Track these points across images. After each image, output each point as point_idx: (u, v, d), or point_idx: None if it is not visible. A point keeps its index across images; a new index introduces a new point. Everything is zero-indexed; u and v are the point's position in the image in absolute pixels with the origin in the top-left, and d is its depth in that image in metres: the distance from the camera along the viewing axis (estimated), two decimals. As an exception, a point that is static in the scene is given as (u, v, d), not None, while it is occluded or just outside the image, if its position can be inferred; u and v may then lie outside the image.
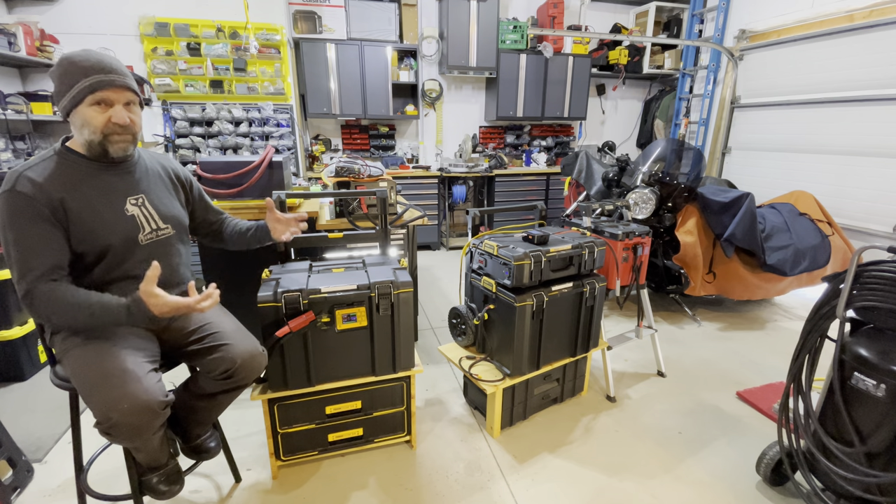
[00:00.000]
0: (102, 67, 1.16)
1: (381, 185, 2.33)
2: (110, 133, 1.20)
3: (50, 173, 1.17)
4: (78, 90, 1.14)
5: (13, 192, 1.11)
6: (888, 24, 3.32)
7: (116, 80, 1.18)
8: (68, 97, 1.15)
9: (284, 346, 1.55)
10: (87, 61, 1.15)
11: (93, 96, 1.15)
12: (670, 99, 5.57)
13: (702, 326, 3.14)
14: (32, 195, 1.11)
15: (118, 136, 1.22)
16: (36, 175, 1.14)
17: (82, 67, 1.14)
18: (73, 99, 1.15)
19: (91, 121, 1.17)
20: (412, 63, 4.89)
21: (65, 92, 1.16)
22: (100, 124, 1.18)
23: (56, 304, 1.12)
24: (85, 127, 1.18)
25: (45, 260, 1.13)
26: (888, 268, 1.29)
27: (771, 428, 2.06)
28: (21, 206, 1.11)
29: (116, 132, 1.21)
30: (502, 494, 1.67)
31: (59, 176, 1.17)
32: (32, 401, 2.21)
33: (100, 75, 1.15)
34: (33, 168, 1.16)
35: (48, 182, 1.15)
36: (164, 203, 1.38)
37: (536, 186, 5.21)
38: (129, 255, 1.28)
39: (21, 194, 1.11)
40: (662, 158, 2.99)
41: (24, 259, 1.11)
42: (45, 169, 1.17)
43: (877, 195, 3.47)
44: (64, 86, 1.15)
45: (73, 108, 1.17)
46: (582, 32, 4.85)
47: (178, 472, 1.37)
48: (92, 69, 1.15)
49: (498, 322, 1.93)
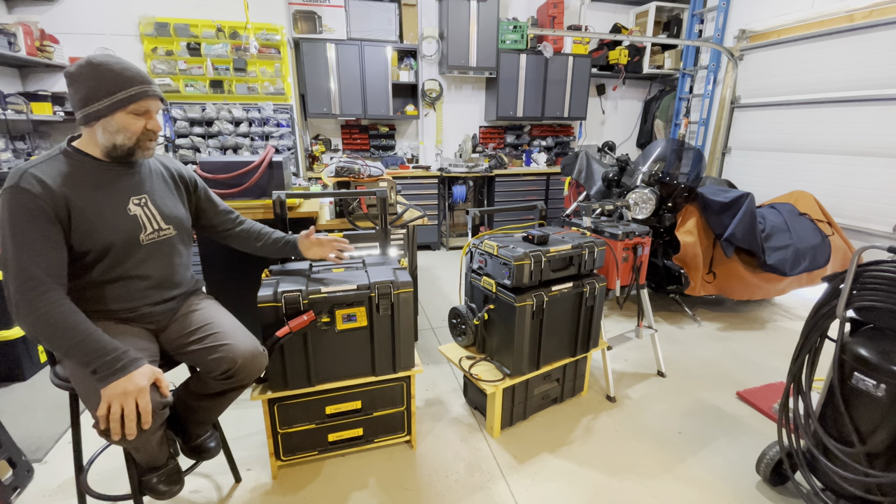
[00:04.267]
0: (143, 78, 1.22)
1: (381, 185, 2.33)
2: (145, 139, 1.26)
3: (56, 172, 1.17)
4: (121, 98, 1.18)
5: (18, 189, 1.11)
6: (888, 24, 3.32)
7: (157, 91, 1.25)
8: (108, 101, 1.17)
9: (284, 347, 1.55)
10: (127, 71, 1.19)
11: (136, 105, 1.20)
12: (670, 99, 5.57)
13: (702, 326, 3.14)
14: (37, 193, 1.12)
15: (150, 143, 1.28)
16: (42, 173, 1.14)
17: (124, 77, 1.18)
18: (113, 105, 1.17)
19: (129, 127, 1.21)
20: (412, 63, 4.89)
21: (102, 96, 1.17)
22: (137, 131, 1.23)
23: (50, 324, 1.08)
24: (120, 132, 1.21)
25: (44, 264, 1.11)
26: (888, 268, 1.29)
27: (771, 428, 2.06)
28: (25, 203, 1.11)
29: (150, 139, 1.27)
30: (502, 494, 1.67)
31: (64, 175, 1.18)
32: (32, 401, 2.21)
33: (143, 86, 1.21)
34: (39, 166, 1.16)
35: (54, 181, 1.15)
36: (166, 204, 1.38)
37: (536, 186, 5.21)
38: (130, 254, 1.28)
39: (26, 191, 1.11)
40: (662, 158, 2.99)
41: (22, 261, 1.09)
42: (51, 167, 1.18)
43: (877, 195, 3.47)
44: (101, 90, 1.16)
45: (109, 114, 1.18)
46: (582, 32, 4.85)
47: (178, 472, 1.37)
48: (134, 80, 1.19)
49: (498, 322, 1.93)
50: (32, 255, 1.10)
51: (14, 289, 1.09)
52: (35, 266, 1.10)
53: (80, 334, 1.10)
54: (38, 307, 1.09)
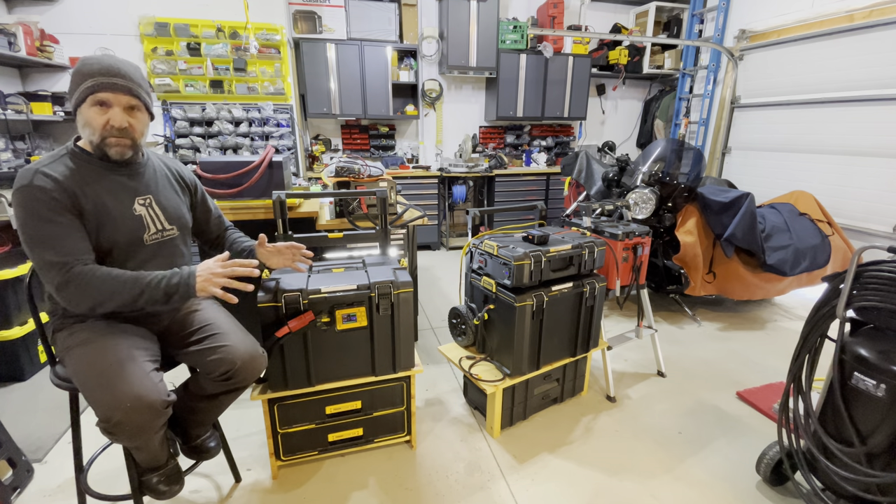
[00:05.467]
0: (108, 70, 1.18)
1: (381, 185, 2.33)
2: (107, 136, 1.21)
3: (65, 170, 1.18)
4: (82, 89, 1.17)
5: (32, 188, 1.11)
6: (888, 24, 3.32)
7: (118, 83, 1.19)
8: (76, 94, 1.19)
9: (284, 347, 1.55)
10: (96, 64, 1.18)
11: (93, 97, 1.18)
12: (670, 99, 5.57)
13: (702, 326, 3.14)
14: (51, 188, 1.13)
15: (115, 140, 1.22)
16: (52, 171, 1.16)
17: (90, 69, 1.17)
18: (77, 98, 1.18)
19: (91, 121, 1.20)
20: (412, 63, 4.89)
21: (73, 90, 1.19)
22: (98, 126, 1.20)
23: (98, 282, 1.14)
24: (86, 127, 1.21)
25: (77, 245, 1.15)
26: (888, 268, 1.29)
27: (771, 428, 2.06)
28: (42, 200, 1.12)
29: (113, 135, 1.22)
30: (502, 494, 1.67)
31: (72, 173, 1.19)
32: (32, 401, 2.21)
33: (103, 77, 1.17)
34: (48, 165, 1.17)
35: (64, 177, 1.17)
36: (171, 204, 1.39)
37: (536, 186, 5.21)
38: (133, 254, 1.29)
39: (40, 188, 1.12)
40: (662, 158, 2.99)
41: (54, 247, 1.12)
42: (59, 166, 1.19)
43: (877, 195, 3.47)
44: (73, 84, 1.19)
45: (78, 107, 1.20)
46: (582, 32, 4.85)
47: (178, 472, 1.37)
48: (98, 71, 1.17)
49: (498, 322, 1.93)
50: (56, 245, 1.12)
51: (56, 270, 1.12)
52: (60, 255, 1.13)
53: (140, 275, 1.18)
54: (83, 272, 1.13)
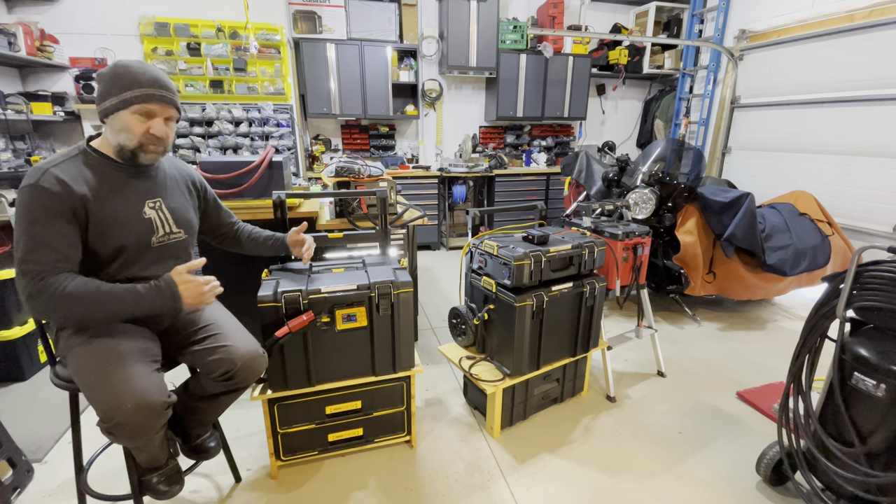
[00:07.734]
0: (157, 83, 1.22)
1: (381, 185, 2.33)
2: (147, 143, 1.24)
3: (76, 172, 1.18)
4: (127, 97, 1.18)
5: (38, 188, 1.11)
6: (888, 24, 3.32)
7: (167, 96, 1.24)
8: (116, 99, 1.18)
9: (284, 347, 1.55)
10: (142, 74, 1.20)
11: (140, 106, 1.20)
12: (670, 99, 5.57)
13: (702, 326, 3.14)
14: (57, 192, 1.12)
15: (153, 147, 1.26)
16: (62, 173, 1.15)
17: (137, 79, 1.19)
18: (120, 103, 1.19)
19: (131, 127, 1.21)
20: (412, 63, 4.89)
21: (113, 94, 1.19)
22: (139, 132, 1.22)
23: (66, 301, 1.11)
24: (123, 132, 1.21)
25: (61, 253, 1.13)
26: (888, 268, 1.29)
27: (771, 428, 2.06)
28: (44, 202, 1.11)
29: (153, 143, 1.25)
30: (502, 494, 1.67)
31: (83, 175, 1.19)
32: (32, 401, 2.21)
33: (153, 89, 1.20)
34: (59, 166, 1.17)
35: (74, 181, 1.16)
36: (179, 208, 1.39)
37: (536, 186, 5.21)
38: (141, 256, 1.29)
39: (46, 190, 1.11)
40: (662, 158, 2.99)
41: (34, 251, 1.10)
42: (71, 167, 1.19)
43: (877, 195, 3.47)
44: (114, 88, 1.18)
45: (115, 111, 1.20)
46: (582, 32, 4.85)
47: (178, 472, 1.37)
48: (147, 83, 1.20)
49: (498, 322, 1.93)
50: (44, 248, 1.11)
51: (23, 287, 1.10)
52: (37, 264, 1.10)
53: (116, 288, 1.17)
54: (54, 283, 1.10)
